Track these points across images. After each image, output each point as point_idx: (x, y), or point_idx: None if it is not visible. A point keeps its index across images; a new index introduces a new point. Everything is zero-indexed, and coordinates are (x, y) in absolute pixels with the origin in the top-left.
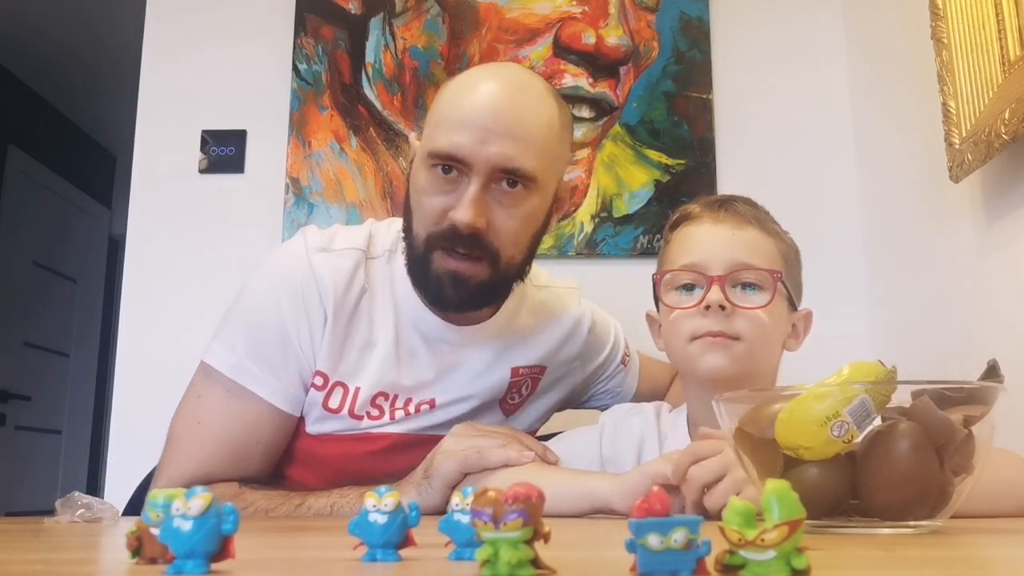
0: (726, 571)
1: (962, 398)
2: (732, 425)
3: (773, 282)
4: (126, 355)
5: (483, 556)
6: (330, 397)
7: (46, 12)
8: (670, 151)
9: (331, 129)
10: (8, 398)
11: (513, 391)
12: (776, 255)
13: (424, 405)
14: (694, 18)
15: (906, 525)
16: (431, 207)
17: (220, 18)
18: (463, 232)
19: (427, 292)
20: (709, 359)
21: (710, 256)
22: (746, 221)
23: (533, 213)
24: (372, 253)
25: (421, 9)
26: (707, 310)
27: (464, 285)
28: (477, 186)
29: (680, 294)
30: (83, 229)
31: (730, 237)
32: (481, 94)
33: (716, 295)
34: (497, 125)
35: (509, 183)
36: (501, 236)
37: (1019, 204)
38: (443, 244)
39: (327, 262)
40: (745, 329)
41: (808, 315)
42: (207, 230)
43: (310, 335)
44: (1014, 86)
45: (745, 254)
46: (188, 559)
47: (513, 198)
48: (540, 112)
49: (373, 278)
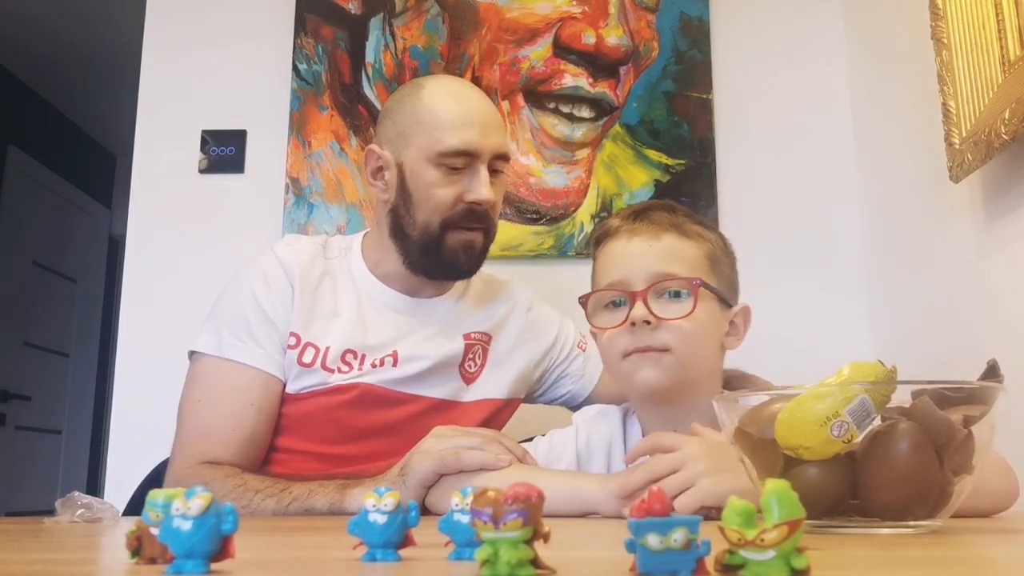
0: (726, 571)
1: (962, 398)
2: (732, 425)
3: (694, 290)
4: (126, 355)
5: (483, 556)
6: (303, 354)
7: (46, 12)
8: (670, 151)
9: (331, 129)
10: (8, 398)
11: (469, 358)
12: (698, 258)
13: (388, 359)
14: (694, 18)
15: (906, 525)
16: (445, 196)
17: (220, 18)
18: (479, 209)
19: (439, 266)
20: (642, 375)
21: (630, 271)
22: (662, 229)
23: (504, 187)
24: (328, 254)
25: (421, 9)
26: (633, 326)
27: (472, 251)
28: (486, 171)
29: (608, 312)
30: (83, 229)
31: (647, 249)
32: (471, 98)
33: (640, 311)
34: (490, 121)
35: (498, 167)
36: (495, 208)
37: (1019, 204)
38: (459, 223)
39: (289, 250)
40: (672, 340)
41: (745, 310)
42: (207, 230)
43: (282, 305)
44: (1014, 86)
45: (663, 263)
46: (188, 559)
47: (499, 178)
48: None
49: (331, 267)
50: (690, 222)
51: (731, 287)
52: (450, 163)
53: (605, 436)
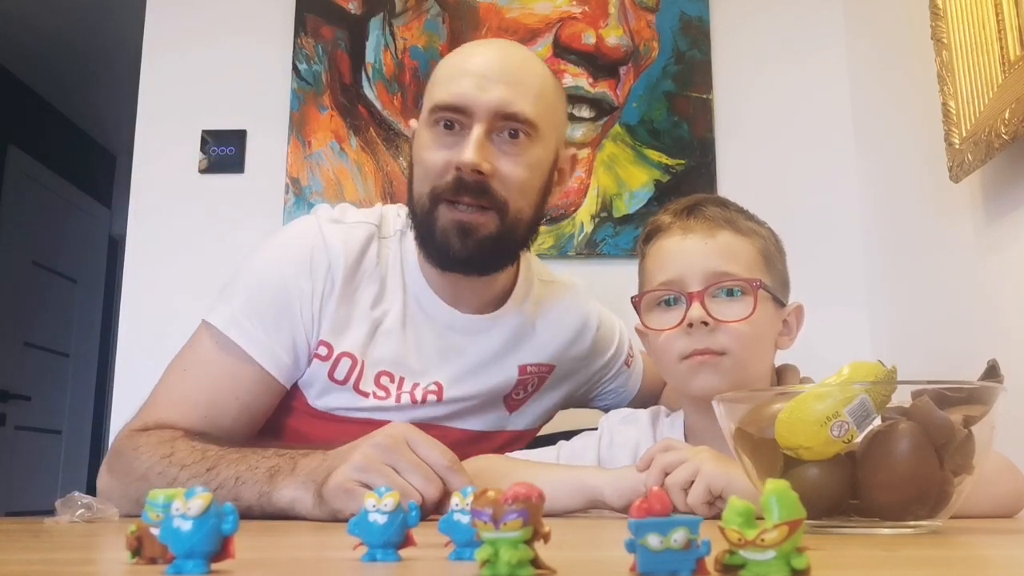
0: (726, 571)
1: (962, 398)
2: (732, 425)
3: (753, 291)
4: (126, 355)
5: (483, 556)
6: (336, 367)
7: (46, 12)
8: (670, 151)
9: (331, 129)
10: (8, 398)
11: (519, 388)
12: (754, 256)
13: (431, 395)
14: (694, 18)
15: (906, 525)
16: (434, 161)
17: (220, 18)
18: (467, 178)
19: (434, 249)
20: (700, 379)
21: (685, 270)
22: (717, 226)
23: (538, 162)
24: (384, 232)
25: (421, 9)
26: (690, 327)
27: (471, 235)
28: (480, 130)
29: (661, 311)
30: (83, 229)
31: (703, 247)
32: (476, 51)
33: (697, 312)
34: (493, 72)
35: (511, 133)
36: (508, 184)
37: (1019, 204)
38: (448, 196)
39: (339, 231)
40: (730, 343)
41: (799, 309)
42: (207, 230)
43: (311, 302)
44: (1014, 86)
45: (721, 262)
46: (188, 559)
47: (516, 146)
48: (533, 65)
49: (383, 255)
50: (743, 218)
51: (784, 284)
52: (441, 120)
53: (632, 439)
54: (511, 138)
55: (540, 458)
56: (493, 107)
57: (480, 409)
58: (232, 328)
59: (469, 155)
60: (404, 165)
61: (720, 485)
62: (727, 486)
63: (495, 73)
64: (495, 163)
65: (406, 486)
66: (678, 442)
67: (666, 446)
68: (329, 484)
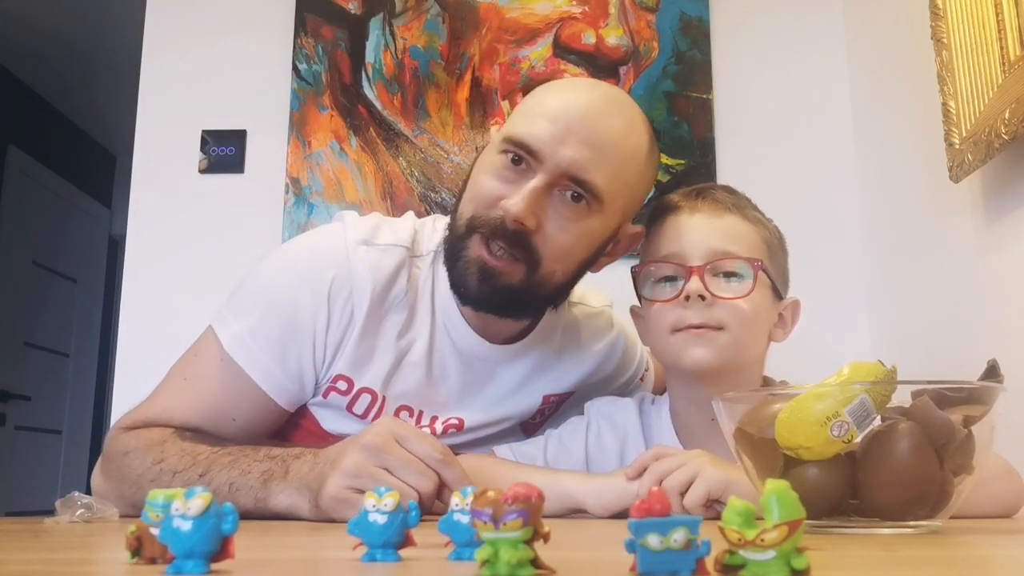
0: (726, 571)
1: (962, 398)
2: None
3: (754, 271)
4: (126, 355)
5: (483, 556)
6: (356, 402)
7: (47, 12)
8: (670, 151)
9: (331, 129)
10: (8, 398)
11: (537, 414)
12: (757, 242)
13: (451, 428)
14: (694, 18)
15: (906, 525)
16: (487, 189)
17: (220, 18)
18: (509, 226)
19: (453, 277)
20: (693, 352)
21: (688, 246)
22: (725, 208)
23: (588, 235)
24: (416, 251)
25: (421, 9)
26: (687, 301)
27: (490, 280)
28: (540, 183)
29: (661, 286)
30: (83, 229)
31: (708, 225)
32: (574, 97)
33: (695, 285)
34: (581, 129)
35: (574, 196)
36: (548, 245)
37: (1019, 204)
38: (484, 231)
39: (368, 257)
40: (727, 318)
41: (795, 304)
42: (207, 230)
43: (327, 332)
44: (1014, 86)
45: (724, 242)
46: (188, 559)
47: (573, 211)
48: (628, 134)
49: (415, 278)
50: (750, 207)
51: (784, 279)
52: (510, 152)
53: (619, 426)
54: (572, 200)
55: (528, 451)
56: (564, 165)
57: (499, 437)
58: (238, 349)
59: (518, 207)
60: (404, 165)
61: (720, 488)
62: (727, 489)
63: (582, 128)
64: (543, 220)
65: (401, 485)
66: (670, 448)
67: (658, 453)
68: (324, 495)
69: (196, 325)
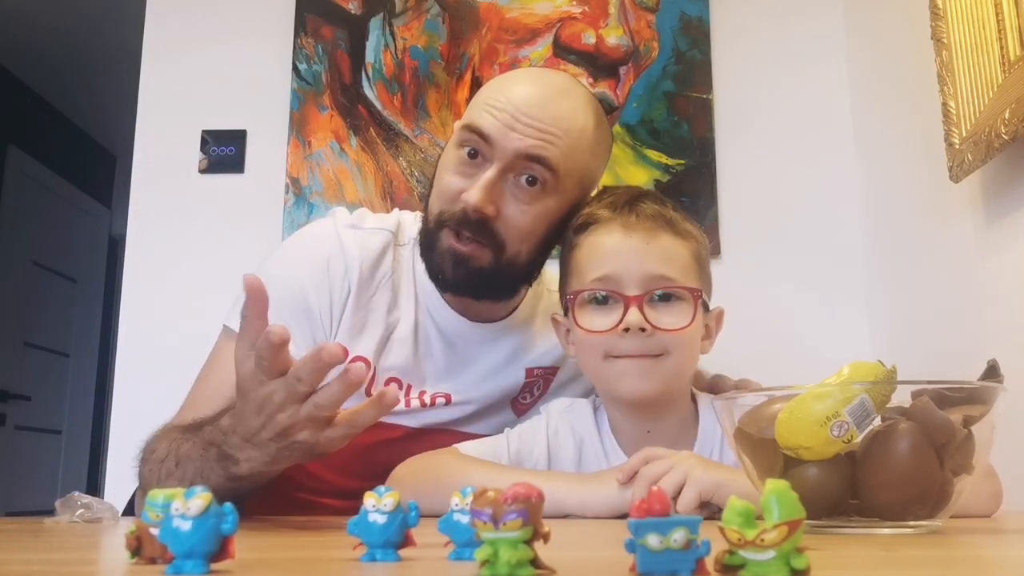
0: (726, 571)
1: (962, 398)
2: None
3: (694, 300)
4: (126, 355)
5: (483, 556)
6: None
7: (47, 11)
8: (670, 151)
9: (331, 129)
10: (8, 398)
11: (525, 391)
12: (689, 260)
13: (440, 398)
14: (694, 18)
15: (906, 525)
16: (449, 186)
17: (220, 18)
18: (471, 215)
19: (430, 267)
20: (629, 382)
21: (623, 271)
22: (658, 227)
23: (546, 214)
24: (400, 240)
25: (421, 9)
26: (626, 332)
27: (463, 266)
28: (494, 172)
29: (593, 308)
30: (83, 229)
31: (644, 249)
32: (522, 85)
33: (635, 317)
34: (527, 116)
35: (528, 180)
36: (509, 228)
37: (1019, 204)
38: (451, 224)
39: (356, 237)
40: (670, 345)
41: (720, 314)
42: (207, 230)
43: (330, 307)
44: (1014, 86)
45: (660, 266)
46: (187, 559)
47: (529, 195)
48: (575, 115)
49: (398, 263)
50: (679, 217)
51: (709, 288)
52: (466, 144)
53: (577, 430)
54: (528, 184)
55: (491, 447)
56: (514, 150)
57: (488, 413)
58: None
59: (475, 197)
60: (404, 165)
61: (710, 490)
62: (716, 491)
63: (528, 115)
64: (501, 206)
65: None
66: (659, 450)
67: (647, 457)
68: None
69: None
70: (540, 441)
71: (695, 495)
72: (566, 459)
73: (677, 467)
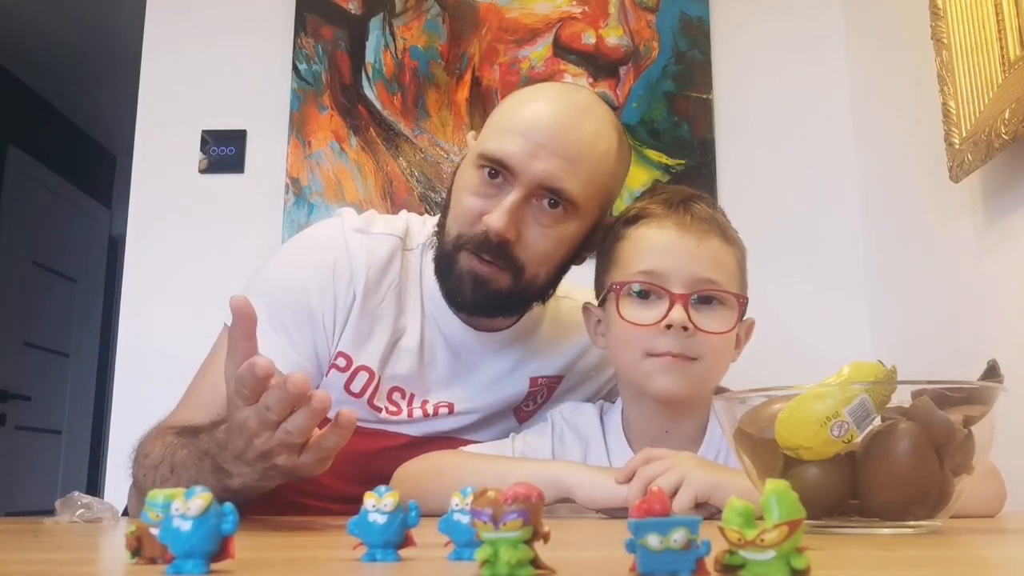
0: (726, 571)
1: (962, 398)
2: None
3: (739, 306)
4: (126, 355)
5: (483, 556)
6: (353, 380)
7: (46, 12)
8: (670, 151)
9: (331, 129)
10: (8, 398)
11: (529, 399)
12: (735, 268)
13: (443, 407)
14: (694, 18)
15: (906, 525)
16: (468, 207)
17: (220, 18)
18: (493, 239)
19: (447, 288)
20: (664, 380)
21: (672, 269)
22: (710, 230)
23: (567, 237)
24: (408, 244)
25: (421, 9)
26: (667, 328)
27: (482, 287)
28: (517, 197)
29: (635, 302)
30: (83, 229)
31: (695, 249)
32: (542, 108)
33: (679, 315)
34: (551, 142)
35: (550, 203)
36: (530, 252)
37: (1019, 204)
38: (471, 248)
39: (363, 243)
40: (704, 350)
41: (751, 325)
42: (207, 230)
43: (334, 313)
44: (1014, 86)
45: (709, 269)
46: (188, 559)
47: (551, 218)
48: (598, 139)
49: (406, 269)
50: (728, 224)
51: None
52: (486, 168)
53: (582, 433)
54: (549, 207)
55: (496, 451)
56: (538, 178)
57: (490, 421)
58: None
59: (498, 223)
60: (404, 165)
61: (707, 492)
62: (714, 492)
63: (552, 141)
64: (523, 230)
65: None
66: (659, 450)
67: (647, 457)
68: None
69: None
70: (545, 444)
71: (691, 496)
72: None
73: (675, 468)
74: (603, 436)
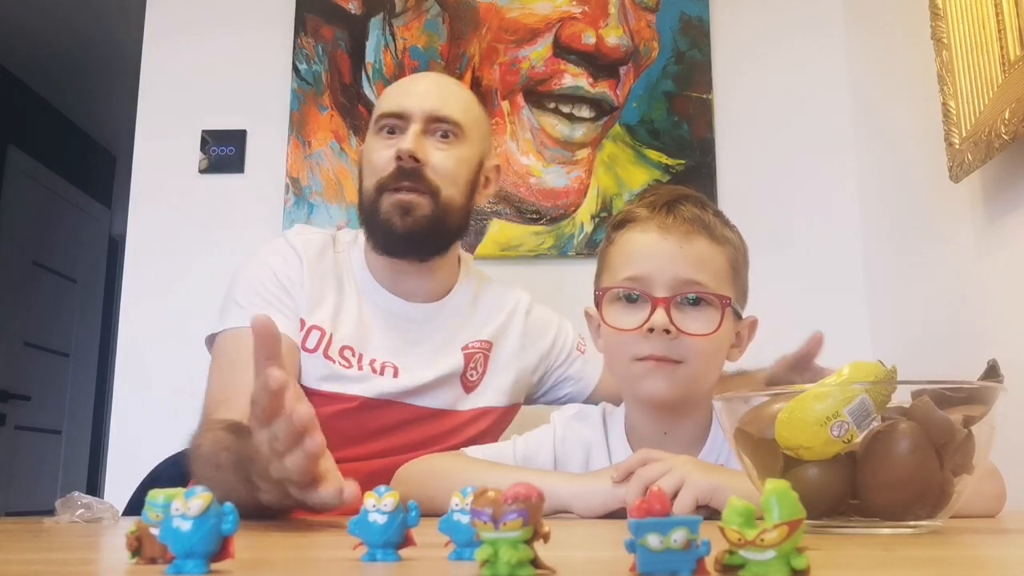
0: (726, 571)
1: (962, 398)
2: (732, 425)
3: (721, 307)
4: (126, 355)
5: (483, 556)
6: (308, 337)
7: (46, 12)
8: (670, 151)
9: (331, 129)
10: (8, 398)
11: (470, 368)
12: (724, 266)
13: (388, 368)
14: (694, 18)
15: (906, 525)
16: (379, 158)
17: (220, 18)
18: (405, 165)
19: (379, 231)
20: (650, 383)
21: (655, 272)
22: (695, 231)
23: (464, 158)
24: (337, 247)
25: (421, 9)
26: (650, 332)
27: (409, 214)
28: (416, 128)
29: (622, 307)
30: (83, 229)
31: (677, 252)
32: (416, 76)
33: (660, 319)
34: (429, 89)
35: (442, 134)
36: (439, 172)
37: (1019, 204)
38: (390, 185)
39: (299, 237)
40: (689, 353)
41: (753, 323)
42: (207, 230)
43: (298, 282)
44: (1014, 86)
45: (692, 270)
46: (188, 559)
47: (446, 143)
48: (462, 89)
49: (337, 261)
50: (719, 222)
51: (744, 295)
52: (384, 126)
53: (584, 437)
54: (442, 138)
55: (497, 454)
56: (427, 111)
57: (435, 387)
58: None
59: (407, 144)
60: None
61: (707, 494)
62: (714, 495)
63: (429, 89)
64: (428, 155)
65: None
66: (657, 452)
67: (644, 458)
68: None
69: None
70: (547, 448)
71: (692, 498)
72: (573, 466)
73: (675, 470)
74: (605, 439)
